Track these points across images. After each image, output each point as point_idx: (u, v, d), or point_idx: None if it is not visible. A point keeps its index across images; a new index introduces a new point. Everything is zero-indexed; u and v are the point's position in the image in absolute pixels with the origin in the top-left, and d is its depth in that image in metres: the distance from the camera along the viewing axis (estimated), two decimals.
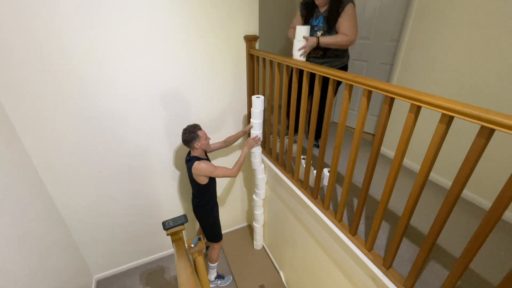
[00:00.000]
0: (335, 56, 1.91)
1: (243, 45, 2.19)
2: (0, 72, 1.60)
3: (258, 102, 1.95)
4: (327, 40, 1.69)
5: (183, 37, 1.96)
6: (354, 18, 1.65)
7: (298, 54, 1.75)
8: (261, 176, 2.37)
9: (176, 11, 1.86)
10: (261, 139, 2.19)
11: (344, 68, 2.01)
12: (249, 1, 2.05)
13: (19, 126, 1.77)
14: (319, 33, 1.82)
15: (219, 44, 2.09)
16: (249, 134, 2.20)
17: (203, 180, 1.96)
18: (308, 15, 1.88)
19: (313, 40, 1.69)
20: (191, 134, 1.85)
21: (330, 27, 1.74)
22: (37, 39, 1.60)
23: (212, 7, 1.94)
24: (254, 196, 2.56)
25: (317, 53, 1.93)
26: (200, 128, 1.90)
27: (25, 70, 1.64)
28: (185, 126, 1.90)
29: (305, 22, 1.92)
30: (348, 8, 1.64)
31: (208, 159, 2.05)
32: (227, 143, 2.27)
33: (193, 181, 2.01)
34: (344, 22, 1.65)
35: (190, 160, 1.93)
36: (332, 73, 1.27)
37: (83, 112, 1.89)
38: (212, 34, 2.03)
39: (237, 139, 2.32)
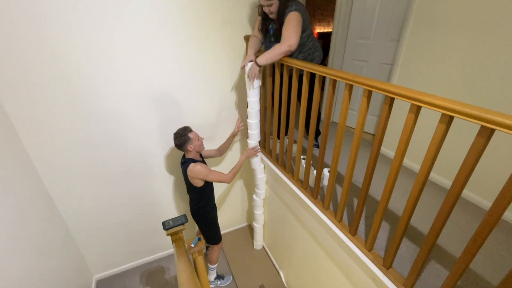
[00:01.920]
0: (305, 59, 1.88)
1: (243, 45, 2.19)
2: (0, 72, 1.60)
3: (254, 94, 1.93)
4: (266, 57, 1.67)
5: (184, 38, 1.96)
6: (294, 24, 1.60)
7: (250, 86, 1.90)
8: (260, 176, 2.36)
9: (176, 12, 1.86)
10: (259, 148, 2.20)
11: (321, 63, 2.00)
12: (249, 1, 2.05)
13: (19, 126, 1.77)
14: (273, 40, 1.82)
15: (219, 44, 2.09)
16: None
17: (199, 183, 1.95)
18: (265, 29, 1.86)
19: (253, 65, 1.74)
20: (182, 137, 1.83)
21: (277, 35, 1.74)
22: (38, 40, 1.60)
23: (212, 7, 1.94)
24: (254, 196, 2.56)
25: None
26: (190, 130, 1.88)
27: (25, 70, 1.64)
28: (187, 126, 1.90)
29: (265, 32, 1.89)
30: (289, 16, 1.61)
31: (203, 161, 2.04)
32: (221, 151, 2.27)
33: (189, 184, 2.00)
34: (284, 31, 1.62)
35: (185, 162, 1.92)
36: (332, 73, 1.27)
37: (83, 112, 1.89)
38: (212, 34, 2.03)
39: (229, 144, 2.32)
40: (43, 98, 1.75)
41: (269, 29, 1.83)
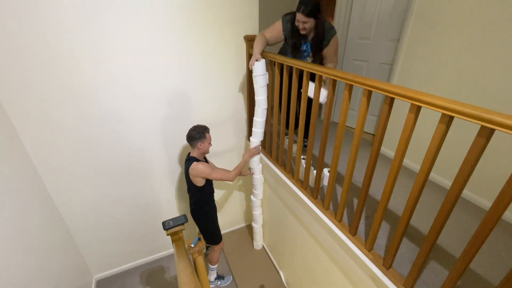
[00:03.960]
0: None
1: (243, 45, 2.19)
2: (1, 71, 1.60)
3: (261, 83, 1.91)
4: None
5: (184, 38, 1.96)
6: (337, 48, 1.88)
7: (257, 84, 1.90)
8: (258, 176, 2.36)
9: (177, 11, 1.86)
10: (260, 146, 2.21)
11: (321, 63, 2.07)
12: (249, 1, 2.05)
13: (19, 126, 1.77)
14: (309, 59, 1.94)
15: (219, 44, 2.09)
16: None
17: (200, 182, 1.95)
18: (295, 49, 1.90)
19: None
20: (199, 133, 1.86)
21: (316, 52, 1.89)
22: (39, 38, 1.60)
23: (213, 7, 1.94)
24: (252, 197, 2.56)
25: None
26: (209, 132, 1.93)
27: (26, 69, 1.64)
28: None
29: (293, 46, 1.91)
30: (333, 41, 1.81)
31: (206, 162, 2.05)
32: None
33: (189, 183, 2.00)
34: (329, 53, 1.86)
35: (188, 160, 1.93)
36: (332, 73, 1.27)
37: (83, 111, 1.90)
38: (212, 34, 2.03)
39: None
40: (43, 98, 1.75)
41: (302, 45, 1.89)
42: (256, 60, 1.81)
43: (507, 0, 1.43)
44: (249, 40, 2.13)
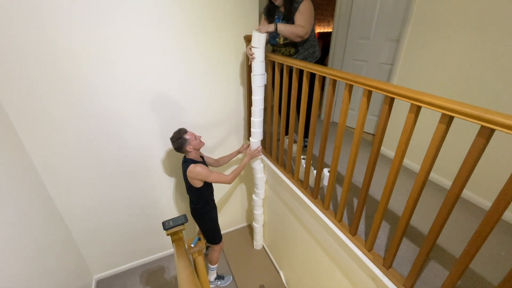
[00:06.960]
0: (307, 52, 1.95)
1: (243, 45, 2.19)
2: (0, 71, 1.60)
3: (258, 89, 1.92)
4: (283, 27, 1.75)
5: (184, 38, 1.96)
6: (309, 13, 1.76)
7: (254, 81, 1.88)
8: (260, 176, 2.36)
9: (176, 12, 1.86)
10: (261, 148, 2.20)
11: (319, 62, 2.07)
12: (249, 1, 2.05)
13: (19, 126, 1.77)
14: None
15: (219, 44, 2.09)
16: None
17: (198, 184, 1.95)
18: (270, 16, 1.93)
19: (272, 25, 1.76)
20: (178, 140, 1.83)
21: (290, 19, 1.83)
22: (39, 39, 1.60)
23: (212, 7, 1.95)
24: (253, 196, 2.56)
25: (289, 51, 1.95)
26: (186, 131, 1.88)
27: (26, 69, 1.65)
28: (184, 126, 1.90)
29: (271, 21, 1.95)
30: (302, 6, 1.73)
31: (204, 162, 2.05)
32: (220, 163, 2.27)
33: (188, 185, 2.00)
34: (299, 17, 1.77)
35: (185, 162, 1.93)
36: (332, 73, 1.27)
37: (83, 112, 1.90)
38: (212, 34, 2.03)
39: (230, 159, 2.32)
40: (43, 98, 1.75)
41: (275, 20, 1.88)
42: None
43: (507, 1, 1.43)
44: (249, 40, 2.12)
